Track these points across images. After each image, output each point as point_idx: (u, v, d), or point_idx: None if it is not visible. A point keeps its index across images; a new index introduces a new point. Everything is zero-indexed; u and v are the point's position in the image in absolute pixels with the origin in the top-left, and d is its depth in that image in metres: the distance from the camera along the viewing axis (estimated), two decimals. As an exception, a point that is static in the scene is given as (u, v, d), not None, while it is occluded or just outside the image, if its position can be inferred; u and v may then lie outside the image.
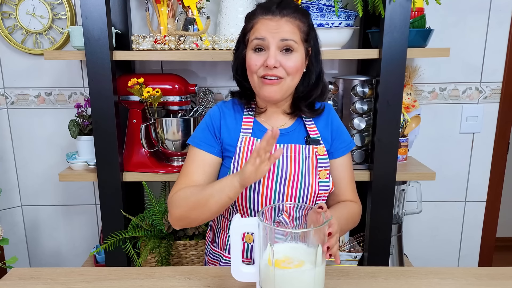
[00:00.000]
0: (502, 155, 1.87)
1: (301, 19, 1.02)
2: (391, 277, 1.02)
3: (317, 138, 1.10)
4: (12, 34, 1.74)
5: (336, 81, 1.59)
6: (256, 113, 1.12)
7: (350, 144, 1.15)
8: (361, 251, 1.67)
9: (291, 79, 1.02)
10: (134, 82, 1.45)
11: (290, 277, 0.76)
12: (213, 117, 1.11)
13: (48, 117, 1.84)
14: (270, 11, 1.00)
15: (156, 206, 1.63)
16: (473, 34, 1.74)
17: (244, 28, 1.07)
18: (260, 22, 1.01)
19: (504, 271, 1.05)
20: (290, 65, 1.00)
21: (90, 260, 1.81)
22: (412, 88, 1.71)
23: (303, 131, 1.12)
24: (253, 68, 1.02)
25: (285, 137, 1.09)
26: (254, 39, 1.01)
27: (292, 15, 1.00)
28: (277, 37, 0.98)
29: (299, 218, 1.01)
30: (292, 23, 1.00)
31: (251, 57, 1.02)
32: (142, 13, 1.73)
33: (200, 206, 0.98)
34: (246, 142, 1.07)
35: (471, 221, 1.95)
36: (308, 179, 1.06)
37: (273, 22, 0.99)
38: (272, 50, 0.99)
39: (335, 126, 1.14)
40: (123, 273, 1.05)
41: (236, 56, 1.10)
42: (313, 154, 1.07)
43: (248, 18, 1.06)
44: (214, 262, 1.19)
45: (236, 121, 1.11)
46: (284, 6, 1.01)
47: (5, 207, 1.91)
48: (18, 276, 1.03)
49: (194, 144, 1.09)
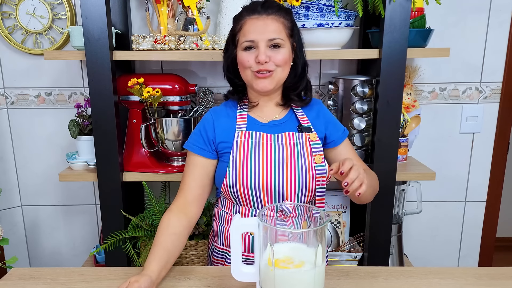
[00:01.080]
0: (502, 155, 1.87)
1: (285, 17, 1.10)
2: (391, 277, 1.02)
3: (309, 126, 1.17)
4: (12, 34, 1.74)
5: (336, 81, 1.59)
6: (249, 107, 1.19)
7: (345, 131, 1.22)
8: (361, 251, 1.67)
9: (281, 70, 1.10)
10: (134, 82, 1.45)
11: (290, 277, 0.76)
12: (205, 122, 1.18)
13: (48, 117, 1.84)
14: (256, 11, 1.09)
15: (156, 206, 1.62)
16: (473, 34, 1.74)
17: (232, 29, 1.14)
18: (248, 23, 1.09)
19: (504, 271, 1.05)
20: (279, 58, 1.08)
21: (90, 260, 1.81)
22: (412, 88, 1.71)
23: (295, 121, 1.18)
24: (246, 64, 1.09)
25: (278, 127, 1.17)
26: (244, 41, 1.08)
27: (276, 13, 1.09)
28: (265, 38, 1.07)
29: (300, 216, 1.01)
30: (277, 20, 1.08)
31: (243, 55, 1.10)
32: (142, 13, 1.73)
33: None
34: (242, 136, 1.13)
35: (471, 221, 1.95)
36: (305, 164, 1.12)
37: (259, 21, 1.07)
38: (262, 47, 1.07)
39: (327, 118, 1.21)
40: (123, 273, 1.05)
41: (227, 56, 1.17)
42: (306, 140, 1.14)
43: (236, 19, 1.13)
44: (219, 261, 1.21)
45: (230, 119, 1.17)
46: (268, 6, 1.09)
47: (5, 207, 1.91)
48: (18, 276, 1.03)
49: (188, 148, 1.17)
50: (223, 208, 1.20)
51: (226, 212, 1.19)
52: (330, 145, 1.19)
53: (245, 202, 1.13)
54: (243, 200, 1.13)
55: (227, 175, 1.11)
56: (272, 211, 0.93)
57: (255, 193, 1.11)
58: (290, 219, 0.99)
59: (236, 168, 1.10)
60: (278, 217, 0.95)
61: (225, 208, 1.19)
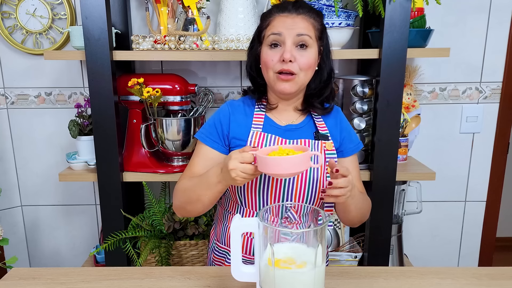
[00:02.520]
0: (502, 155, 1.87)
1: (315, 18, 1.07)
2: (391, 277, 1.02)
3: (326, 134, 1.13)
4: (12, 34, 1.74)
5: (336, 81, 1.59)
6: (267, 109, 1.15)
7: (359, 145, 1.19)
8: (361, 251, 1.67)
9: (304, 75, 1.06)
10: (134, 82, 1.45)
11: (290, 277, 0.76)
12: (221, 114, 1.15)
13: (48, 117, 1.84)
14: (287, 9, 1.06)
15: (156, 206, 1.63)
16: (473, 34, 1.74)
17: (259, 26, 1.11)
18: (277, 19, 1.06)
19: (504, 271, 1.05)
20: (304, 61, 1.04)
21: (90, 260, 1.81)
22: (412, 88, 1.71)
23: (312, 127, 1.15)
24: (270, 64, 1.06)
25: (295, 132, 1.13)
26: (270, 34, 1.05)
27: (307, 13, 1.06)
28: (293, 33, 1.03)
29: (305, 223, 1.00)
30: (307, 20, 1.05)
31: (267, 53, 1.06)
32: (142, 13, 1.73)
33: (193, 201, 1.05)
34: (257, 137, 1.10)
35: (471, 221, 1.95)
36: (317, 174, 1.09)
37: (289, 19, 1.04)
38: (288, 44, 1.03)
39: (344, 127, 1.18)
40: (123, 273, 1.05)
41: (251, 53, 1.14)
42: (321, 149, 1.11)
43: (264, 16, 1.10)
44: (220, 260, 1.20)
45: (246, 116, 1.14)
46: (299, 5, 1.06)
47: (5, 207, 1.91)
48: (18, 276, 1.03)
49: (200, 139, 1.14)
50: (227, 207, 1.18)
51: (229, 212, 1.17)
52: (338, 155, 1.15)
53: (250, 205, 1.11)
54: (249, 203, 1.11)
55: None
56: (276, 217, 0.91)
57: (263, 199, 1.09)
58: (294, 226, 0.99)
59: None
60: (283, 223, 0.94)
61: (229, 208, 1.17)
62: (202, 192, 1.03)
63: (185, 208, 1.09)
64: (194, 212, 1.09)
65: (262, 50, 1.08)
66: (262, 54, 1.08)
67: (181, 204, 1.09)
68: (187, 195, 1.06)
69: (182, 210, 1.11)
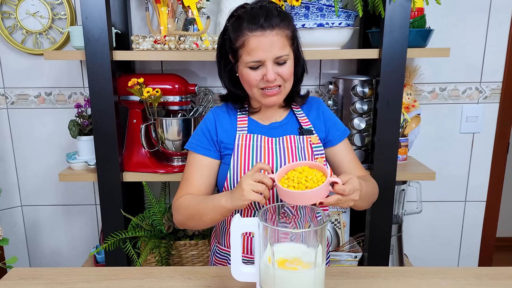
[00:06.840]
0: (502, 155, 1.87)
1: (288, 27, 1.05)
2: (391, 277, 1.02)
3: (310, 128, 1.16)
4: (12, 34, 1.74)
5: (336, 81, 1.59)
6: (249, 112, 1.18)
7: (346, 131, 1.21)
8: (361, 251, 1.67)
9: (289, 83, 1.09)
10: (134, 82, 1.45)
11: (290, 277, 0.76)
12: (207, 122, 1.17)
13: (48, 117, 1.84)
14: (259, 25, 1.01)
15: (156, 206, 1.62)
16: (473, 34, 1.74)
17: (231, 41, 1.06)
18: (252, 41, 1.02)
19: (504, 271, 1.05)
20: (286, 72, 1.06)
21: (90, 260, 1.81)
22: (412, 88, 1.71)
23: (296, 123, 1.18)
24: (253, 83, 1.07)
25: (279, 129, 1.16)
26: (250, 61, 1.03)
27: (280, 24, 1.02)
28: (271, 55, 1.03)
29: (302, 217, 1.01)
30: (281, 35, 1.03)
31: (250, 74, 1.05)
32: (142, 13, 1.73)
33: (196, 218, 1.05)
34: (243, 139, 1.13)
35: (471, 221, 1.95)
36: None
37: (264, 38, 1.01)
38: (269, 65, 1.03)
39: (327, 117, 1.20)
40: (123, 273, 1.05)
41: (226, 71, 1.13)
42: (307, 143, 1.14)
43: (236, 30, 1.04)
44: (221, 262, 1.21)
45: (231, 121, 1.17)
46: (270, 15, 1.02)
47: (5, 207, 1.91)
48: (18, 276, 1.03)
49: (191, 149, 1.15)
50: None
51: None
52: (328, 144, 1.18)
53: (250, 205, 1.11)
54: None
55: (228, 178, 1.11)
56: (273, 213, 0.92)
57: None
58: (292, 220, 0.99)
59: (237, 172, 1.10)
60: (280, 219, 0.95)
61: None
62: (205, 212, 1.03)
63: (187, 224, 1.10)
64: (196, 227, 1.10)
65: (242, 70, 1.07)
66: (243, 74, 1.07)
67: (183, 220, 1.09)
68: (191, 212, 1.06)
69: (184, 225, 1.12)
